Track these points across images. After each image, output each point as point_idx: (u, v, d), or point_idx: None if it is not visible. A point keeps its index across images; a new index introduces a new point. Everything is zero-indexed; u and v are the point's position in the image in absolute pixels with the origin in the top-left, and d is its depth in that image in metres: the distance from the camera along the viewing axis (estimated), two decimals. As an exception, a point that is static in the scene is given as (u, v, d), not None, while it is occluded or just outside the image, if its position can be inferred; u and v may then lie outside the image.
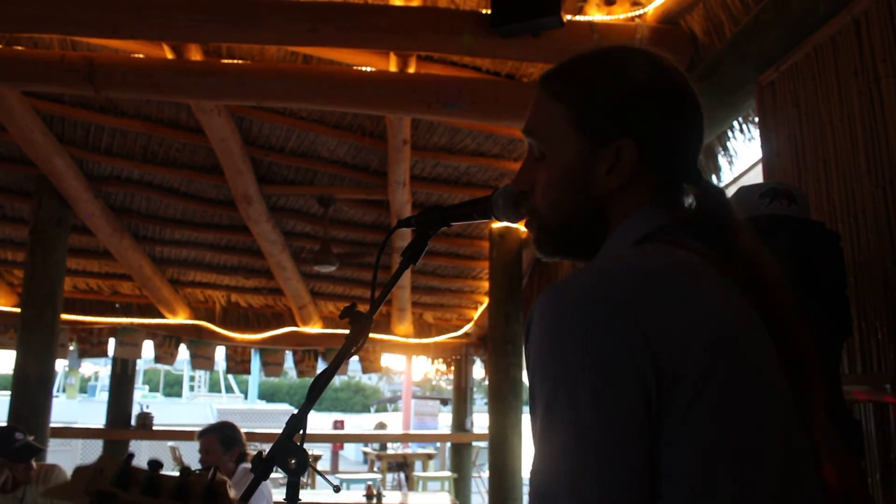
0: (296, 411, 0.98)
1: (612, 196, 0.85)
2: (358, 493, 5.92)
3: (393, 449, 10.28)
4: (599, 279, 0.73)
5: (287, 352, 8.05)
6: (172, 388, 26.14)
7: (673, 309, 0.70)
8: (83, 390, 22.43)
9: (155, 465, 0.82)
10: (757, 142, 3.15)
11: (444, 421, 12.44)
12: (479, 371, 8.80)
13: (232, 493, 0.85)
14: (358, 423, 15.68)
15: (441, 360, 8.58)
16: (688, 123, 0.86)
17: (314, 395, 1.00)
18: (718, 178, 4.07)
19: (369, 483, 5.77)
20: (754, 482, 0.67)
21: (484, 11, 3.46)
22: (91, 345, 7.49)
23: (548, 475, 0.67)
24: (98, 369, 22.44)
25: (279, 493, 3.37)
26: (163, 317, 7.60)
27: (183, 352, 7.84)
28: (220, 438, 3.44)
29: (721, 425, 0.68)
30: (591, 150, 0.84)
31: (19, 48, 4.20)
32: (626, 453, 0.65)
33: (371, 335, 1.10)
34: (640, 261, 0.77)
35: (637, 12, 3.51)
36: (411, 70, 4.17)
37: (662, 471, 0.66)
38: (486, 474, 9.50)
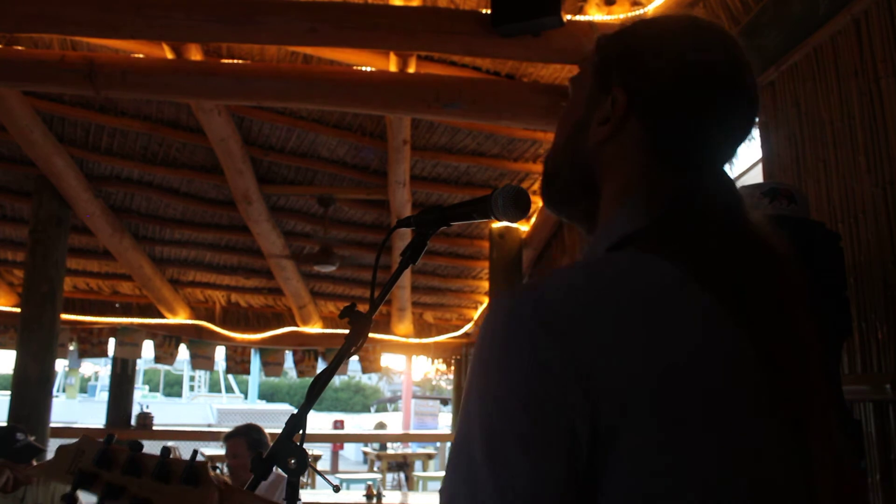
0: (296, 411, 0.98)
1: (602, 157, 0.78)
2: (358, 493, 5.92)
3: (393, 449, 10.28)
4: (548, 298, 0.64)
5: (287, 352, 8.05)
6: (172, 388, 26.15)
7: (625, 344, 0.61)
8: (83, 390, 22.45)
9: (136, 445, 0.82)
10: (757, 142, 3.14)
11: (444, 421, 12.46)
12: (479, 371, 8.80)
13: (213, 474, 0.85)
14: (358, 423, 15.67)
15: (441, 360, 8.59)
16: (707, 108, 0.75)
17: (314, 395, 1.00)
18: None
19: (369, 483, 5.77)
20: None
21: (484, 11, 3.46)
22: (91, 345, 7.49)
23: None
24: (98, 369, 22.46)
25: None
26: (163, 317, 7.60)
27: (183, 352, 7.85)
28: (248, 442, 3.40)
29: (673, 483, 0.60)
30: (596, 98, 0.80)
31: (19, 48, 4.21)
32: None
33: (371, 335, 1.10)
34: (603, 278, 0.66)
35: (637, 12, 3.51)
36: (411, 70, 4.18)
37: None
38: (486, 474, 9.48)
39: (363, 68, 4.39)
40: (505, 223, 3.26)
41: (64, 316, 6.34)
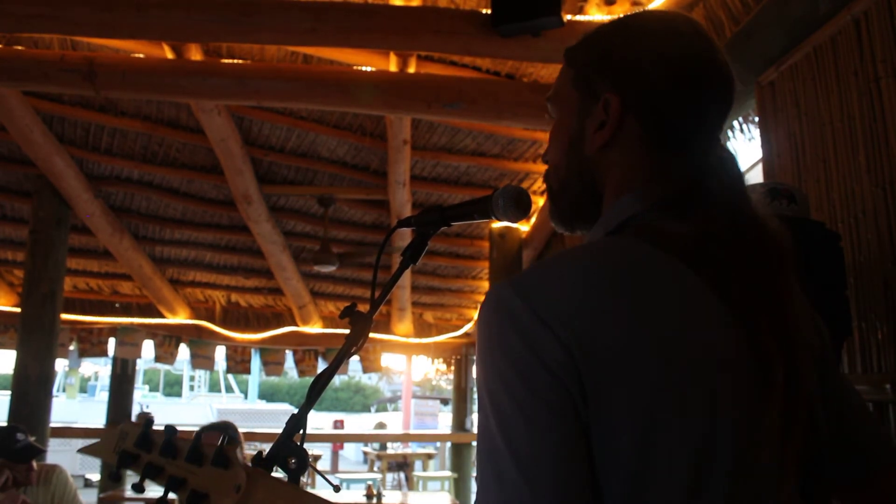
0: (296, 411, 0.98)
1: (605, 162, 0.82)
2: (358, 493, 5.92)
3: (393, 449, 10.28)
4: (528, 279, 0.70)
5: (287, 351, 8.05)
6: (172, 387, 26.12)
7: (609, 315, 0.66)
8: (83, 390, 22.42)
9: (171, 430, 0.91)
10: (757, 142, 3.15)
11: (444, 421, 12.46)
12: (479, 371, 8.80)
13: (240, 456, 0.92)
14: (358, 423, 15.67)
15: (441, 359, 8.59)
16: (698, 92, 0.80)
17: (314, 395, 1.00)
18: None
19: (369, 483, 5.78)
20: (699, 496, 0.64)
21: (484, 11, 3.46)
22: (91, 344, 7.49)
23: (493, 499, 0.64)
24: (98, 369, 22.43)
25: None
26: (163, 317, 7.60)
27: (183, 352, 7.84)
28: (223, 437, 3.41)
29: (657, 437, 0.63)
30: (586, 108, 0.82)
31: (19, 48, 4.20)
32: (568, 470, 0.62)
33: (371, 335, 1.10)
34: (592, 260, 0.72)
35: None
36: (411, 70, 4.18)
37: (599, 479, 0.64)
38: (486, 474, 9.51)
39: (363, 68, 4.39)
40: (505, 223, 3.26)
41: (64, 316, 6.34)
